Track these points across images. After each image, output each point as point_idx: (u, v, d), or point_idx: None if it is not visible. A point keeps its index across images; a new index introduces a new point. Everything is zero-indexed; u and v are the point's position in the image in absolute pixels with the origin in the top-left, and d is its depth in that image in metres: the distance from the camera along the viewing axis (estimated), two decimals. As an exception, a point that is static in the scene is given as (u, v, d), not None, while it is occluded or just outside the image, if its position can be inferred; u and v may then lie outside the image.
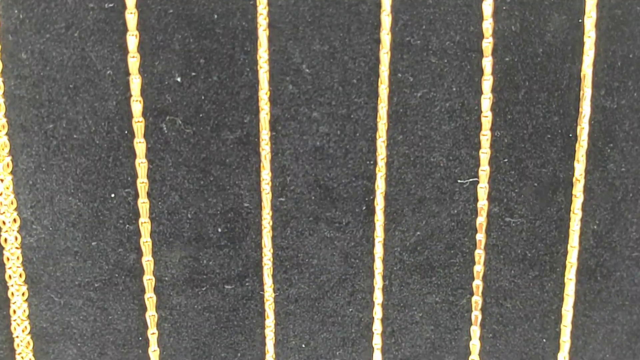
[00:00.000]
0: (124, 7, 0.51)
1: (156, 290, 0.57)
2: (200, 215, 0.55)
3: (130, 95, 0.52)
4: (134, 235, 0.56)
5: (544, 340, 0.59)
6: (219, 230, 0.56)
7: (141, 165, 0.54)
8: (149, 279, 0.56)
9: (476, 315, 0.58)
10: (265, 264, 0.56)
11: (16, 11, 0.51)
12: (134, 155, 0.54)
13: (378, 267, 0.57)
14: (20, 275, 0.56)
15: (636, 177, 0.55)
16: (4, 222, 0.55)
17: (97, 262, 0.56)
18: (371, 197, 0.55)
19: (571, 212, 0.55)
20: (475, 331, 0.58)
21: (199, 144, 0.54)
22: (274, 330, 0.58)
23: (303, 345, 0.59)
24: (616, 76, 0.53)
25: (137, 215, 0.55)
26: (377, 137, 0.54)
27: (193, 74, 0.52)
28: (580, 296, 0.57)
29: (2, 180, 0.54)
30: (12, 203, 0.54)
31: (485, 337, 0.59)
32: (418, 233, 0.56)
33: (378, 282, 0.57)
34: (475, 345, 0.58)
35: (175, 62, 0.52)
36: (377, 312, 0.58)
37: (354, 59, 0.53)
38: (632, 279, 0.57)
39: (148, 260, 0.56)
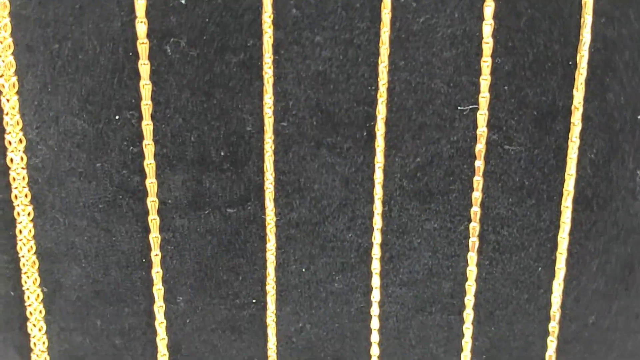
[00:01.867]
0: None
1: (159, 212, 0.58)
2: (203, 138, 0.56)
3: (135, 17, 0.53)
4: (137, 157, 0.56)
5: (540, 268, 0.60)
6: (222, 153, 0.57)
7: (145, 87, 0.54)
8: (153, 201, 0.57)
9: (473, 241, 0.59)
10: (267, 188, 0.57)
11: None
12: (138, 77, 0.54)
13: (378, 192, 0.58)
14: (26, 196, 0.57)
15: (635, 107, 0.56)
16: (9, 142, 0.55)
17: (101, 183, 0.57)
18: (372, 123, 0.56)
19: (569, 141, 0.56)
20: (472, 258, 0.59)
21: (203, 66, 0.54)
22: (274, 253, 0.59)
23: (303, 270, 0.60)
24: (617, 4, 0.54)
25: (141, 137, 0.56)
26: (379, 62, 0.54)
27: (197, -5, 0.53)
28: (576, 225, 0.58)
29: (8, 100, 0.54)
30: (17, 123, 0.55)
31: (482, 263, 0.60)
32: (418, 159, 0.57)
33: (378, 208, 0.58)
34: (472, 271, 0.59)
35: (179, -16, 0.53)
36: (377, 238, 0.59)
37: (358, -17, 0.53)
38: (627, 209, 0.58)
39: (152, 182, 0.57)
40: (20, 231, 0.58)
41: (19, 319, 0.60)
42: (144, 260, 0.59)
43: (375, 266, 0.59)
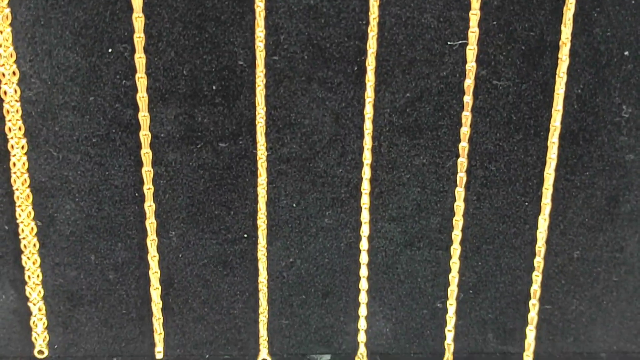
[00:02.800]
0: None
1: (152, 146, 0.58)
2: (196, 72, 0.57)
3: (128, -51, 0.53)
4: (130, 91, 0.57)
5: (526, 203, 0.61)
6: (214, 87, 0.57)
7: (138, 20, 0.55)
8: (145, 135, 0.58)
9: (461, 177, 0.60)
10: (258, 123, 0.58)
11: None
12: (130, 9, 0.54)
13: (368, 127, 0.58)
14: (20, 129, 0.57)
15: (621, 42, 0.56)
16: (3, 75, 0.56)
17: (94, 117, 0.58)
18: (363, 58, 0.57)
19: (557, 76, 0.57)
20: (460, 193, 0.60)
21: (195, -1, 0.55)
22: (266, 188, 0.60)
23: (294, 205, 0.61)
24: (606, -61, 0.54)
25: (133, 70, 0.56)
26: (370, -4, 0.55)
27: None
28: (562, 160, 0.59)
29: (1, 32, 0.55)
30: (11, 55, 0.55)
31: (469, 199, 0.61)
32: (407, 94, 0.58)
33: (367, 143, 0.59)
34: (459, 206, 0.60)
35: None
36: (366, 173, 0.60)
37: None
38: (613, 143, 0.59)
39: (144, 116, 0.57)
40: (14, 164, 0.58)
41: (14, 252, 0.61)
42: (136, 194, 0.60)
43: (365, 201, 0.60)
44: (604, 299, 0.63)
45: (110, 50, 0.56)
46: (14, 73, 0.56)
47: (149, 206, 0.60)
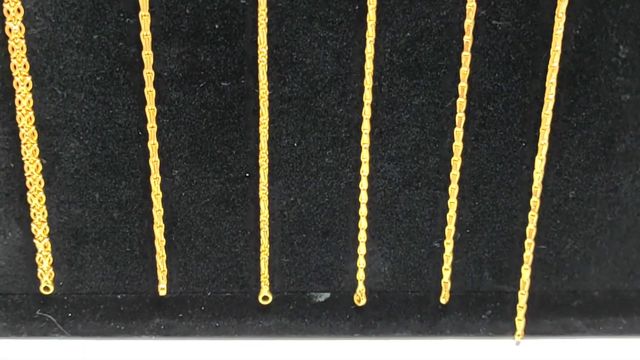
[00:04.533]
0: None
1: (155, 85, 0.59)
2: (198, 10, 0.57)
3: None
4: (133, 29, 0.57)
5: (523, 143, 0.62)
6: (216, 26, 0.58)
7: (141, -43, 0.55)
8: (149, 73, 0.58)
9: (460, 117, 0.60)
10: (260, 61, 0.59)
11: None
12: (134, -54, 0.55)
13: (369, 67, 0.59)
14: (25, 66, 0.58)
15: (619, -17, 0.57)
16: (8, 12, 0.56)
17: (98, 55, 0.58)
18: (364, -3, 0.57)
19: (555, 16, 0.57)
20: (458, 133, 0.61)
21: (198, -64, 0.55)
22: (267, 127, 0.61)
23: (295, 144, 0.62)
24: None
25: (137, 8, 0.56)
26: None
27: None
28: (559, 100, 0.60)
29: (5, -31, 0.55)
30: (15, -7, 0.56)
31: (467, 139, 0.62)
32: (408, 34, 0.59)
33: (368, 83, 0.59)
34: (458, 146, 0.61)
35: None
36: (367, 113, 0.60)
37: None
38: (610, 84, 0.60)
39: (148, 54, 0.58)
40: (20, 101, 0.59)
41: (19, 190, 0.62)
42: (140, 132, 0.61)
43: (365, 141, 0.61)
44: (598, 238, 0.65)
45: (113, -13, 0.56)
46: (18, 10, 0.56)
47: (152, 144, 0.60)
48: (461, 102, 0.60)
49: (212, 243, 0.64)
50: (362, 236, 0.64)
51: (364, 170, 0.62)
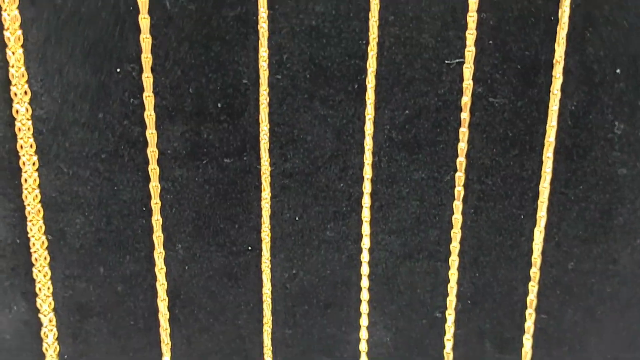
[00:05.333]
0: None
1: (159, 162, 0.60)
2: (201, 90, 0.59)
3: (136, -28, 0.55)
4: (138, 109, 0.59)
5: (522, 215, 0.62)
6: (219, 105, 0.59)
7: (145, 40, 0.57)
8: (153, 151, 0.59)
9: (459, 190, 0.61)
10: (262, 139, 0.60)
11: None
12: (138, 30, 0.56)
13: (368, 143, 0.60)
14: (31, 146, 0.59)
15: (613, 60, 0.58)
16: (15, 94, 0.58)
17: (103, 133, 0.59)
18: (363, 76, 0.59)
19: (551, 93, 0.59)
20: (457, 206, 0.62)
21: (201, 20, 0.56)
22: (269, 202, 0.62)
23: (296, 218, 0.63)
24: (598, -38, 0.56)
25: (141, 89, 0.58)
26: (370, 17, 0.57)
27: (195, -48, 0.55)
28: (557, 174, 0.61)
29: (13, 53, 0.56)
30: (22, 75, 0.57)
31: (467, 212, 0.62)
32: (407, 112, 0.60)
33: (368, 158, 0.61)
34: (457, 219, 0.62)
35: (178, -60, 0.55)
36: (367, 187, 0.61)
37: (349, -60, 0.55)
38: (606, 159, 0.61)
39: (152, 133, 0.59)
40: (26, 180, 0.60)
41: (25, 265, 0.63)
42: (144, 208, 0.62)
43: (366, 214, 0.62)
44: (598, 309, 0.65)
45: (118, 69, 0.58)
46: (25, 92, 0.58)
47: (156, 220, 0.61)
48: (460, 177, 0.61)
49: (216, 316, 0.65)
50: (364, 308, 0.65)
51: (365, 242, 0.63)
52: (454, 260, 0.63)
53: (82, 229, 0.62)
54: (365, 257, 0.63)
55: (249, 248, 0.63)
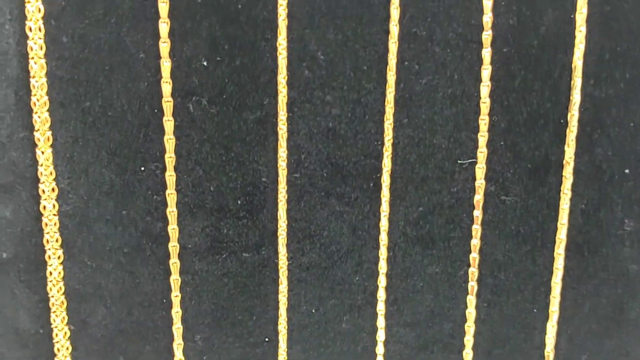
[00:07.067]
0: (157, -4, 0.56)
1: (180, 256, 0.62)
2: (222, 188, 0.61)
3: (161, 77, 0.57)
4: (161, 205, 0.61)
5: (535, 310, 0.64)
6: (239, 202, 0.61)
7: (169, 141, 0.59)
8: (174, 246, 0.61)
9: (472, 285, 0.63)
10: (280, 234, 0.62)
11: (59, -2, 0.57)
12: (162, 131, 0.59)
13: (383, 239, 0.62)
14: (57, 240, 0.61)
15: (622, 160, 0.60)
16: (43, 191, 0.60)
17: (126, 229, 0.61)
18: (378, 175, 0.60)
19: (561, 192, 0.60)
20: (471, 300, 0.63)
21: (222, 122, 0.59)
22: (286, 295, 0.63)
23: (313, 311, 0.64)
24: (605, 67, 0.58)
25: (164, 186, 0.60)
26: (385, 119, 0.59)
27: (218, 58, 0.58)
28: (568, 270, 0.62)
29: (42, 153, 0.59)
30: (51, 174, 0.60)
31: (480, 306, 0.64)
32: (420, 209, 0.61)
33: (383, 253, 0.62)
34: (471, 313, 0.63)
35: (202, 48, 0.57)
36: (382, 281, 0.63)
37: (365, 47, 0.58)
38: (617, 255, 0.62)
39: (173, 229, 0.61)
40: (51, 273, 0.62)
41: (47, 355, 0.64)
42: (164, 300, 0.63)
43: (381, 308, 0.63)
44: (612, 402, 0.66)
45: (142, 168, 0.60)
46: (53, 190, 0.60)
47: (176, 312, 0.63)
48: (473, 272, 0.62)
49: (233, 406, 0.66)
50: (379, 399, 0.65)
51: (380, 335, 0.64)
52: (467, 354, 0.64)
53: (103, 319, 0.64)
54: (380, 349, 0.64)
55: (266, 340, 0.64)
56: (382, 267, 0.63)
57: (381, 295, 0.63)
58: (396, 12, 0.57)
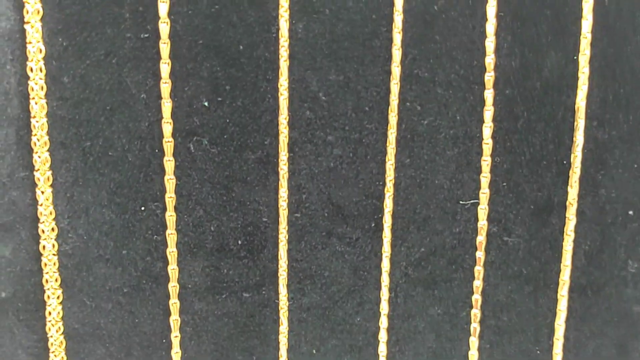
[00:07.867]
0: (158, 37, 0.56)
1: (180, 296, 0.61)
2: (222, 228, 0.60)
3: (162, 118, 0.57)
4: (161, 245, 0.60)
5: (538, 352, 0.63)
6: (239, 242, 0.61)
7: (169, 182, 0.59)
8: (174, 286, 0.61)
9: (475, 327, 0.62)
10: (280, 275, 0.61)
11: (60, 39, 0.56)
12: (163, 172, 0.58)
13: (385, 280, 0.61)
14: (56, 280, 0.61)
15: (625, 202, 0.60)
16: (43, 231, 0.60)
17: (126, 269, 0.61)
18: (379, 215, 0.60)
19: (564, 234, 0.60)
20: (473, 342, 0.62)
21: (223, 163, 0.59)
22: (287, 336, 0.63)
23: (314, 351, 0.63)
24: (608, 109, 0.58)
25: (164, 227, 0.60)
26: (386, 160, 0.59)
27: (219, 99, 0.57)
28: (572, 311, 0.62)
29: (42, 192, 0.59)
30: (50, 213, 0.59)
31: (483, 347, 0.63)
32: (422, 249, 0.61)
33: (384, 294, 0.62)
34: (473, 355, 0.63)
35: (203, 88, 0.57)
36: (383, 322, 0.62)
37: (367, 88, 0.58)
38: (620, 296, 0.62)
39: (173, 269, 0.60)
40: (50, 313, 0.61)
41: (45, 395, 0.64)
42: (164, 341, 0.63)
43: (382, 349, 0.63)
44: None
45: (143, 208, 0.59)
46: (52, 229, 0.60)
47: (176, 352, 0.62)
48: (475, 313, 0.62)
49: None
50: None
51: (382, 376, 0.64)
52: (470, 394, 0.64)
53: (102, 359, 0.63)
54: (381, 390, 0.64)
55: (267, 380, 0.64)
56: (384, 308, 0.62)
57: (382, 336, 0.63)
58: (398, 53, 0.57)
